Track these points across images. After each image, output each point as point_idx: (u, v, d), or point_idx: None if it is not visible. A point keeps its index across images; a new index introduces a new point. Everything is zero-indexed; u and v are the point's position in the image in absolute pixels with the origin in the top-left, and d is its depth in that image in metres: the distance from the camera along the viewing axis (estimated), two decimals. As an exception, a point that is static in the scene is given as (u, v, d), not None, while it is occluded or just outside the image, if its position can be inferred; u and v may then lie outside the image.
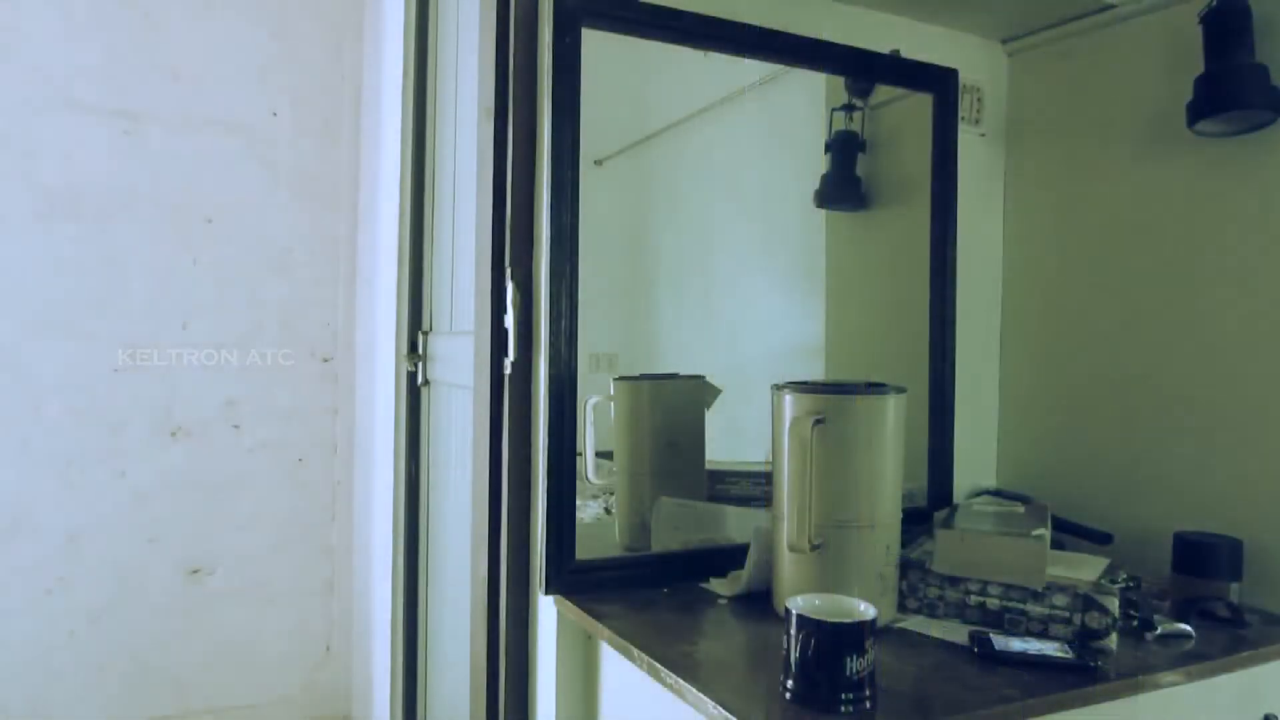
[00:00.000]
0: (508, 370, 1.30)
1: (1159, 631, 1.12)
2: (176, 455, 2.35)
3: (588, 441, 1.33)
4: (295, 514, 2.50)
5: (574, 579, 1.25)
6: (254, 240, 2.42)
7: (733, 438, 1.48)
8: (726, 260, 1.59)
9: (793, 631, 0.90)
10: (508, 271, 1.29)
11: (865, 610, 0.91)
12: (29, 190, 2.20)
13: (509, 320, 1.29)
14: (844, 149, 1.59)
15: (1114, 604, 1.07)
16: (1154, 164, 1.44)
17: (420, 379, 2.07)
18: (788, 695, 0.90)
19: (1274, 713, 1.12)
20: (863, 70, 1.54)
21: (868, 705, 0.88)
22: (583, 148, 1.26)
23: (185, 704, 2.38)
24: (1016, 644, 1.05)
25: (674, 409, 1.45)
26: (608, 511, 1.41)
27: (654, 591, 1.26)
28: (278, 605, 2.48)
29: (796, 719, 0.87)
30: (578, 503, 1.27)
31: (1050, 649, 1.04)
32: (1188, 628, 1.13)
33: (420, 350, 2.06)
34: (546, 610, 1.28)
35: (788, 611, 0.91)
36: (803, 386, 1.17)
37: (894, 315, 1.65)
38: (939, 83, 1.57)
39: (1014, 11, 1.57)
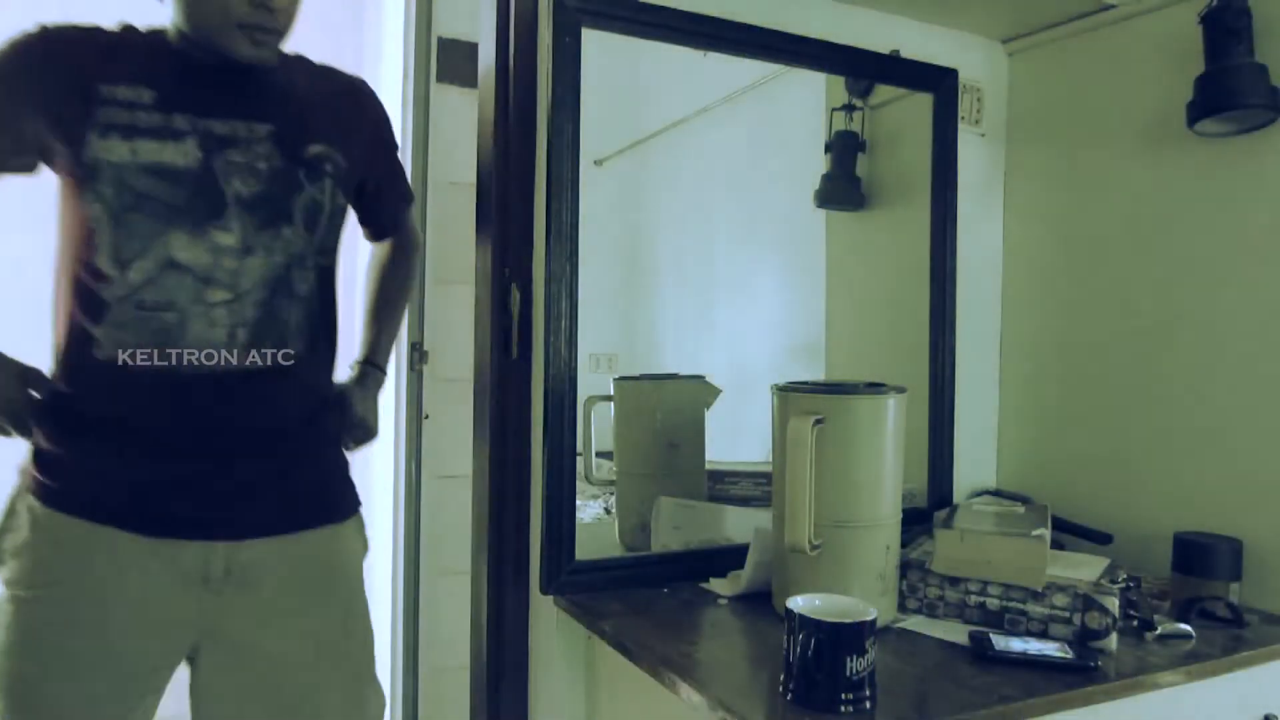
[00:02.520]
0: (508, 370, 1.30)
1: (1159, 631, 1.12)
2: (176, 455, 2.35)
3: (588, 441, 1.33)
4: (295, 514, 2.50)
5: (574, 579, 1.25)
6: (254, 240, 2.42)
7: (733, 438, 1.48)
8: (726, 260, 1.59)
9: (793, 632, 0.90)
10: (508, 271, 1.29)
11: (865, 610, 0.90)
12: (29, 190, 2.20)
13: (509, 320, 1.29)
14: (844, 149, 1.59)
15: (1114, 604, 1.07)
16: (1154, 164, 1.44)
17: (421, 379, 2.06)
18: (788, 695, 0.90)
19: (1274, 713, 1.12)
20: (863, 70, 1.54)
21: (868, 705, 0.88)
22: (583, 147, 1.26)
23: (185, 704, 2.38)
24: (1016, 644, 1.05)
25: (674, 409, 1.45)
26: (608, 511, 1.41)
27: (654, 591, 1.26)
28: (278, 605, 2.48)
29: (796, 719, 0.87)
30: (578, 503, 1.26)
31: (1050, 649, 1.04)
32: (1188, 628, 1.13)
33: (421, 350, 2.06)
34: (546, 610, 1.28)
35: (788, 611, 0.91)
36: (803, 387, 1.17)
37: (894, 315, 1.65)
38: (939, 83, 1.57)
39: (1014, 11, 1.57)
